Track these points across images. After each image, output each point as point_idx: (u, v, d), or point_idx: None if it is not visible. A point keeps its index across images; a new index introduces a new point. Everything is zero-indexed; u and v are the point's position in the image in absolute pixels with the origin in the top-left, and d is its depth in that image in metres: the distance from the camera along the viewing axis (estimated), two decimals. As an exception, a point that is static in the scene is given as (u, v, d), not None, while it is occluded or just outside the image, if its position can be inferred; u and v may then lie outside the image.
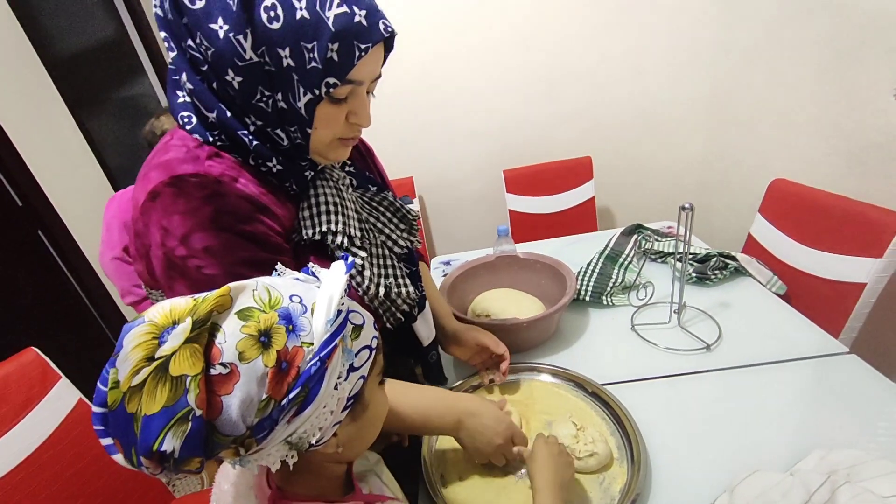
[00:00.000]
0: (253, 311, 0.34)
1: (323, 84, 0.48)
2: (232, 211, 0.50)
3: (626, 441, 0.70)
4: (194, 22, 0.47)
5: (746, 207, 1.45)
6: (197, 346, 0.31)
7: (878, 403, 0.73)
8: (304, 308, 0.36)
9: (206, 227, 0.49)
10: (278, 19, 0.45)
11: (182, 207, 0.48)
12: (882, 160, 1.21)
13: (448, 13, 1.78)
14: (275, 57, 0.47)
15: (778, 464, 0.65)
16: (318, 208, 0.58)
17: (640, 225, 1.35)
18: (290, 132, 0.52)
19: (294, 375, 0.34)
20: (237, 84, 0.48)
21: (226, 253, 0.50)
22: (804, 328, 0.93)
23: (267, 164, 0.54)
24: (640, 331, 0.97)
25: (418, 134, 2.00)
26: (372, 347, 0.42)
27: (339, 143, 0.56)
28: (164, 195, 0.48)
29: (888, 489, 0.56)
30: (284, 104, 0.50)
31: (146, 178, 0.50)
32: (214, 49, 0.47)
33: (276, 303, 0.35)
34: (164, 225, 0.48)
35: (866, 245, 1.02)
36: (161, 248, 0.49)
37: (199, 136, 0.52)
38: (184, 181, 0.49)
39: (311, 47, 0.46)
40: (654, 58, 1.84)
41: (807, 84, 1.42)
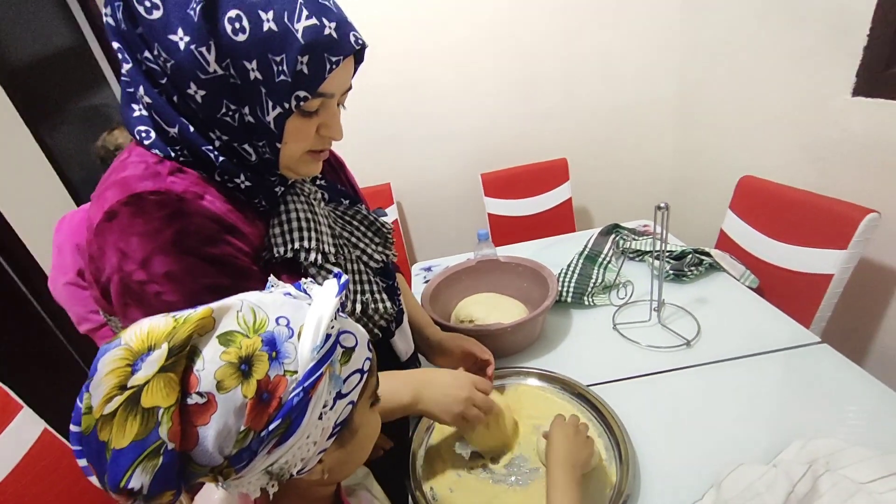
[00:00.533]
0: (235, 336, 0.32)
1: (293, 97, 0.47)
2: (196, 231, 0.47)
3: (613, 442, 0.71)
4: (151, 33, 0.44)
5: (717, 204, 1.50)
6: (172, 375, 0.29)
7: (850, 390, 0.76)
8: (291, 332, 0.34)
9: (167, 250, 0.46)
10: (244, 31, 0.43)
11: (141, 228, 0.45)
12: (841, 156, 1.26)
13: (421, 18, 1.78)
14: (241, 70, 0.45)
15: (761, 455, 0.67)
16: (290, 224, 0.55)
17: (617, 225, 1.38)
18: (259, 147, 0.50)
19: (276, 406, 0.32)
20: (200, 98, 0.46)
21: (188, 279, 0.47)
22: (777, 320, 0.95)
23: (234, 181, 0.51)
24: (622, 330, 0.99)
25: (394, 140, 1.99)
26: (363, 370, 0.40)
27: (310, 156, 0.55)
28: (122, 215, 0.45)
29: (865, 475, 0.58)
30: (252, 118, 0.48)
31: (101, 198, 0.47)
32: (174, 61, 0.44)
33: (261, 326, 0.34)
34: (122, 248, 0.45)
35: (832, 237, 1.06)
36: (118, 272, 0.46)
37: (160, 151, 0.49)
38: (143, 199, 0.45)
39: (279, 60, 0.45)
40: (623, 60, 1.88)
41: (769, 84, 1.47)
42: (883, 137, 1.14)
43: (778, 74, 1.43)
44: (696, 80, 1.82)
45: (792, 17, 1.34)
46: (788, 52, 1.37)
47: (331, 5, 0.47)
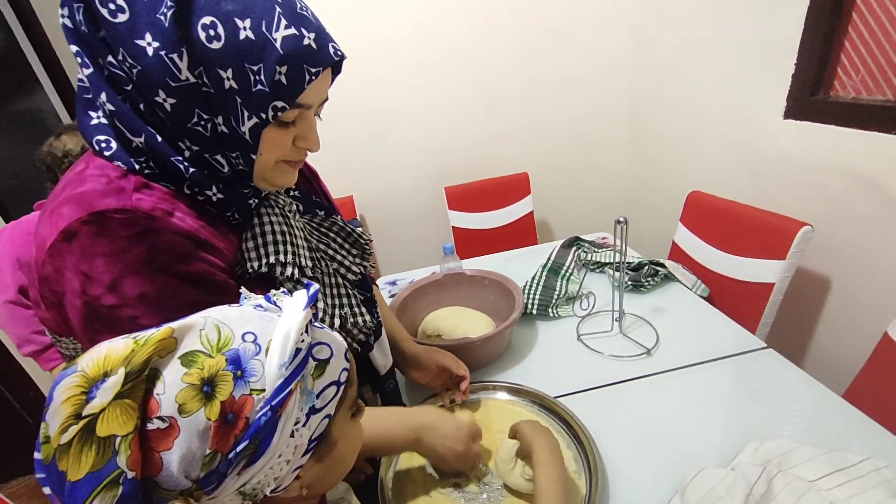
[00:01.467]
0: (198, 357, 0.31)
1: (270, 108, 0.45)
2: (167, 249, 0.44)
3: (582, 453, 0.71)
4: (116, 37, 0.41)
5: (669, 217, 1.58)
6: (129, 401, 0.28)
7: (793, 391, 0.81)
8: (258, 348, 0.33)
9: (137, 270, 0.42)
10: (219, 38, 0.41)
11: (105, 249, 0.41)
12: (776, 174, 1.37)
13: (385, 35, 1.78)
14: (215, 78, 0.43)
15: (719, 458, 0.70)
16: (264, 238, 0.53)
17: (577, 237, 1.42)
18: (232, 158, 0.48)
19: (242, 427, 0.31)
20: (170, 106, 0.43)
21: (166, 299, 0.44)
22: (727, 327, 1.01)
23: (205, 193, 0.48)
24: (586, 340, 1.01)
25: (357, 153, 1.97)
26: (340, 382, 0.38)
27: (286, 165, 0.53)
28: (82, 235, 0.41)
29: (814, 473, 0.61)
30: (225, 128, 0.45)
31: (56, 215, 0.42)
32: (141, 67, 0.41)
33: (226, 344, 0.32)
34: (84, 270, 0.41)
35: (771, 249, 1.14)
36: (80, 296, 0.42)
37: (122, 163, 0.45)
38: (106, 218, 0.42)
39: (256, 69, 0.43)
40: (577, 80, 1.97)
41: (711, 105, 1.59)
42: (813, 157, 1.25)
43: (719, 97, 1.54)
44: (645, 101, 1.93)
45: (728, 45, 1.46)
46: (727, 76, 1.49)
47: (309, 15, 0.45)
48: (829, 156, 1.20)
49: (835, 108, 1.19)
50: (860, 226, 1.16)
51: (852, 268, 1.20)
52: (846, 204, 1.18)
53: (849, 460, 0.63)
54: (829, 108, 1.21)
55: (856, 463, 0.63)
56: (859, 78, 1.15)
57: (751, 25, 1.36)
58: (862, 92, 1.15)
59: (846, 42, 1.16)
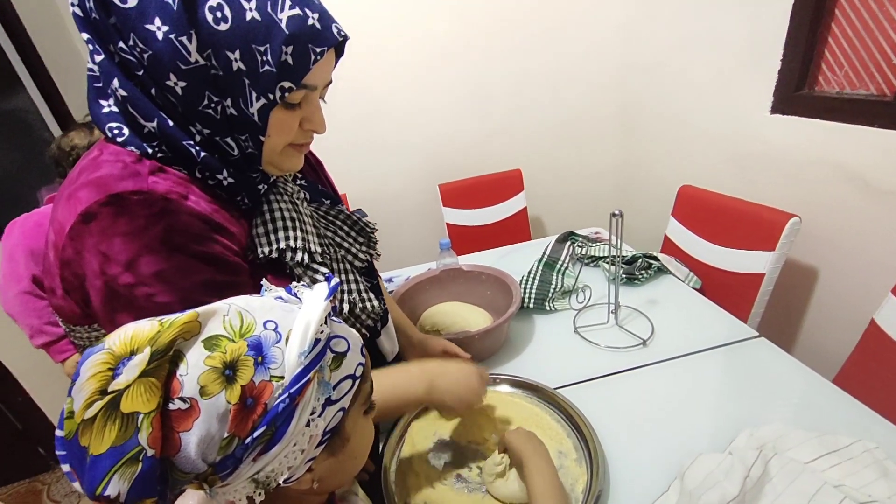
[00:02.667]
0: (221, 340, 0.31)
1: (277, 88, 0.45)
2: (184, 229, 0.45)
3: (582, 442, 0.73)
4: (125, 22, 0.42)
5: (660, 211, 1.60)
6: (153, 380, 0.29)
7: (785, 378, 0.83)
8: (279, 336, 0.33)
9: (155, 248, 0.43)
10: (226, 20, 0.42)
11: (124, 228, 0.42)
12: (764, 167, 1.40)
13: (378, 34, 1.78)
14: (223, 60, 0.43)
15: (716, 444, 0.71)
16: (275, 224, 0.54)
17: (572, 232, 1.43)
18: (241, 140, 0.48)
19: (260, 413, 0.31)
20: (181, 89, 0.44)
21: (181, 277, 0.44)
22: (719, 317, 1.03)
23: (216, 177, 0.49)
24: (583, 332, 1.02)
25: (352, 151, 1.96)
26: (356, 376, 0.38)
27: (293, 149, 0.53)
28: (101, 216, 0.42)
29: (807, 455, 0.63)
30: (234, 110, 0.46)
31: (73, 199, 0.43)
32: (152, 52, 0.42)
33: (248, 330, 0.33)
34: (103, 250, 0.42)
35: (761, 240, 1.17)
36: (100, 276, 0.43)
37: (135, 148, 0.46)
38: (124, 199, 0.43)
39: (263, 50, 0.43)
40: (568, 76, 1.98)
41: (699, 101, 1.61)
42: (798, 151, 1.28)
43: (707, 93, 1.57)
44: (636, 97, 1.96)
45: (716, 41, 1.48)
46: (716, 72, 1.51)
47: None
48: (814, 149, 1.23)
49: (820, 102, 1.22)
50: (846, 216, 1.19)
51: (839, 257, 1.23)
52: (832, 195, 1.21)
53: (841, 443, 0.65)
54: (814, 103, 1.24)
55: (847, 445, 0.65)
56: (843, 73, 1.18)
57: (738, 22, 1.39)
58: (846, 86, 1.18)
59: (830, 38, 1.19)
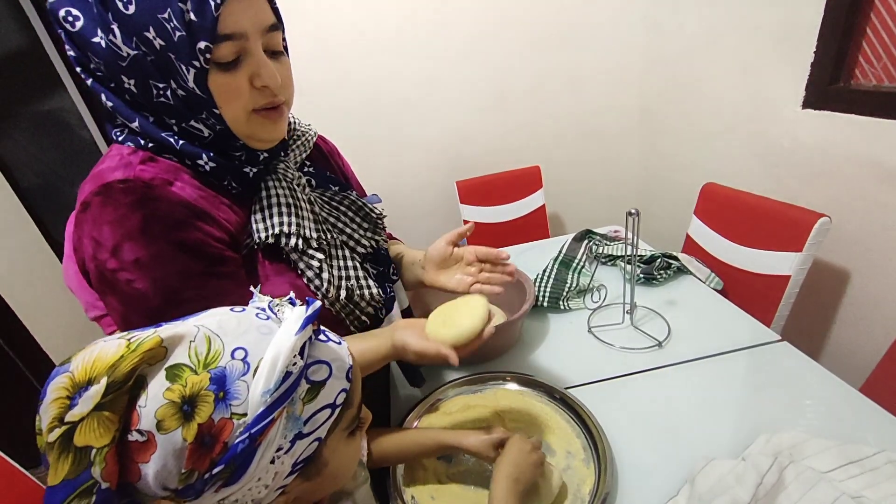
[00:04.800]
0: (182, 371, 0.30)
1: (197, 52, 0.44)
2: (163, 217, 0.48)
3: (591, 443, 0.72)
4: (82, 45, 0.45)
5: (683, 210, 1.56)
6: (108, 414, 0.28)
7: (808, 385, 0.80)
8: (247, 367, 0.32)
9: (134, 236, 0.46)
10: (132, 2, 0.43)
11: (110, 216, 0.46)
12: (793, 165, 1.34)
13: (398, 32, 1.79)
14: (146, 42, 0.44)
15: (730, 450, 0.69)
16: (270, 210, 0.55)
17: (589, 230, 1.41)
18: (204, 120, 0.49)
19: (219, 451, 0.30)
20: (134, 87, 0.47)
21: (156, 265, 0.47)
22: (741, 320, 1.00)
23: (197, 162, 0.51)
24: (597, 332, 1.01)
25: (370, 148, 1.98)
26: (336, 405, 0.36)
27: (259, 116, 0.51)
28: (93, 205, 0.47)
29: (826, 465, 0.61)
30: (181, 90, 0.47)
31: (82, 191, 0.50)
32: (103, 62, 0.45)
33: (214, 360, 0.31)
34: (95, 236, 0.47)
35: (788, 241, 1.12)
36: (93, 260, 0.48)
37: (131, 142, 0.52)
38: (111, 188, 0.47)
39: (167, 16, 0.43)
40: (589, 73, 1.94)
41: (725, 95, 1.56)
42: (830, 147, 1.22)
43: (734, 86, 1.51)
44: (658, 93, 1.90)
45: (745, 33, 1.42)
46: (743, 65, 1.46)
47: None
48: (848, 146, 1.17)
49: (855, 96, 1.16)
50: (880, 217, 1.13)
51: (871, 260, 1.17)
52: (865, 195, 1.15)
53: (862, 452, 0.62)
54: (849, 97, 1.18)
55: (869, 455, 0.62)
56: (881, 65, 1.12)
57: (768, 13, 1.33)
58: (884, 80, 1.12)
59: (867, 28, 1.13)
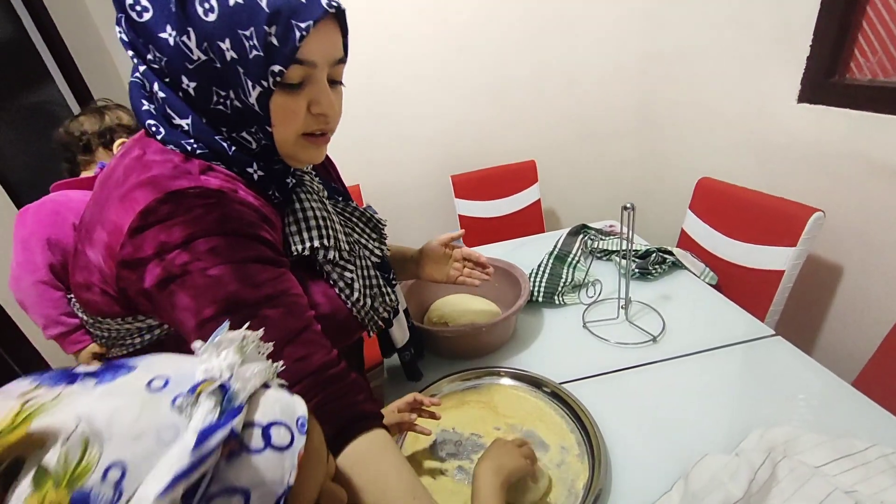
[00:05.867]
0: (46, 481, 0.23)
1: (268, 73, 0.45)
2: (237, 217, 0.47)
3: (585, 438, 0.72)
4: (146, 36, 0.45)
5: (678, 205, 1.56)
6: None
7: (801, 379, 0.81)
8: (117, 496, 0.23)
9: (210, 231, 0.45)
10: (213, 10, 0.43)
11: (182, 218, 0.44)
12: (788, 159, 1.34)
13: (392, 23, 1.77)
14: (218, 52, 0.44)
15: (724, 445, 0.70)
16: (307, 223, 0.55)
17: (584, 225, 1.41)
18: (253, 133, 0.49)
19: None
20: (193, 90, 0.46)
21: (232, 251, 0.46)
22: (735, 315, 1.00)
23: (247, 171, 0.50)
24: (592, 327, 1.01)
25: (364, 142, 1.97)
26: None
27: (307, 141, 0.52)
28: (160, 212, 0.44)
29: (819, 459, 0.61)
30: (238, 102, 0.47)
31: (129, 199, 0.45)
32: (167, 58, 0.45)
33: (81, 475, 0.24)
34: (162, 240, 0.44)
35: (782, 236, 1.12)
36: (158, 264, 0.44)
37: (175, 145, 0.48)
38: (181, 194, 0.44)
39: (249, 34, 0.43)
40: (586, 67, 1.93)
41: (721, 90, 1.55)
42: (825, 142, 1.22)
43: (729, 82, 1.51)
44: (653, 87, 1.90)
45: (741, 28, 1.42)
46: (739, 60, 1.45)
47: None
48: (843, 140, 1.17)
49: (851, 91, 1.16)
50: (874, 212, 1.13)
51: (864, 255, 1.17)
52: (860, 190, 1.15)
53: (855, 446, 0.63)
54: (844, 92, 1.18)
55: (862, 449, 0.62)
56: (876, 60, 1.12)
57: (764, 8, 1.32)
58: (879, 74, 1.12)
59: (863, 23, 1.13)
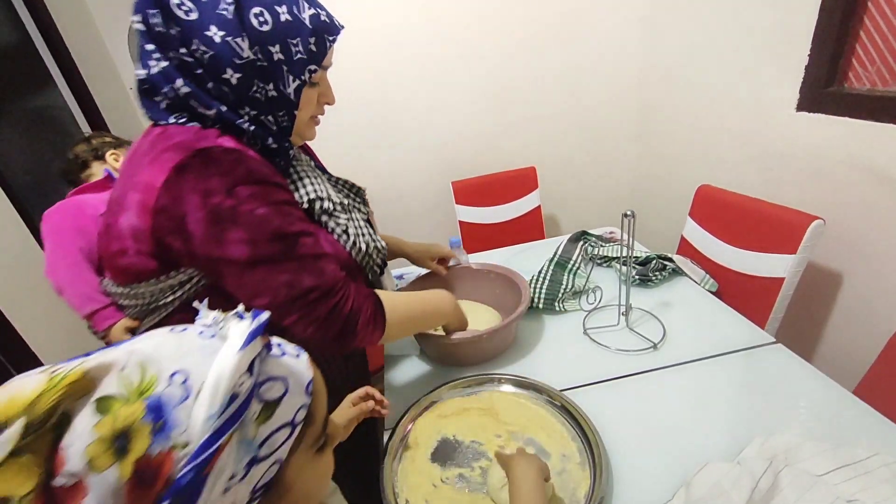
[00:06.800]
0: (113, 403, 0.27)
1: (306, 71, 0.61)
2: (259, 170, 0.59)
3: (586, 445, 0.72)
4: (189, 31, 0.54)
5: (678, 211, 1.56)
6: (28, 458, 0.25)
7: (802, 387, 0.80)
8: (187, 392, 0.28)
9: (245, 180, 0.56)
10: (267, 23, 0.56)
11: (216, 170, 0.55)
12: (787, 167, 1.35)
13: (393, 31, 1.78)
14: (267, 53, 0.57)
15: (725, 453, 0.69)
16: (303, 181, 0.68)
17: (585, 231, 1.41)
18: (279, 117, 0.63)
19: (161, 486, 0.27)
20: (235, 80, 0.57)
21: (268, 195, 0.58)
22: (735, 322, 1.00)
23: (263, 143, 0.62)
24: (592, 334, 1.01)
25: (365, 148, 1.97)
26: (295, 423, 0.33)
27: (312, 122, 0.70)
28: (193, 165, 0.54)
29: (821, 468, 0.61)
30: (275, 92, 0.60)
31: (160, 161, 0.55)
32: (213, 52, 0.55)
33: (148, 387, 0.28)
34: (202, 188, 0.54)
35: (782, 243, 1.12)
36: (202, 208, 0.54)
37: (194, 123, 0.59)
38: (209, 151, 0.55)
39: (295, 43, 0.58)
40: (585, 72, 1.95)
41: (720, 98, 1.56)
42: (824, 150, 1.23)
43: (730, 89, 1.52)
44: (653, 95, 1.91)
45: (740, 35, 1.43)
46: (739, 68, 1.46)
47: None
48: (842, 148, 1.18)
49: (849, 99, 1.17)
50: (873, 220, 1.14)
51: (864, 263, 1.18)
52: (859, 198, 1.16)
53: (857, 455, 0.62)
54: (843, 100, 1.18)
55: (864, 458, 0.62)
56: (875, 69, 1.12)
57: (764, 15, 1.34)
58: (877, 83, 1.13)
59: (862, 32, 1.14)
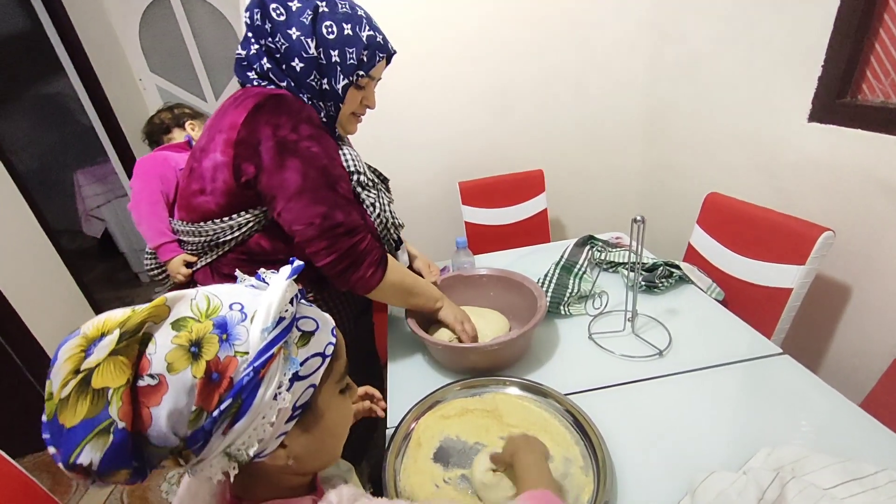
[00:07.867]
0: (187, 321, 0.34)
1: (355, 74, 0.80)
2: (317, 118, 0.79)
3: (591, 450, 0.71)
4: (276, 27, 0.76)
5: (685, 218, 1.56)
6: (123, 358, 0.31)
7: (808, 399, 0.80)
8: (244, 316, 0.36)
9: (307, 121, 0.75)
10: (333, 33, 0.77)
11: (286, 110, 0.74)
12: (798, 177, 1.34)
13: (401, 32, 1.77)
14: (327, 55, 0.77)
15: (730, 462, 0.69)
16: (344, 156, 0.85)
17: (591, 236, 1.41)
18: (328, 106, 0.82)
19: (226, 386, 0.33)
20: (299, 68, 0.77)
21: (321, 139, 0.77)
22: (742, 332, 0.99)
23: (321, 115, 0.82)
24: (598, 339, 1.00)
25: (372, 148, 1.96)
26: (325, 355, 0.40)
27: (353, 118, 0.89)
28: (268, 105, 0.74)
29: (828, 481, 0.60)
30: (327, 86, 0.80)
31: (242, 105, 0.75)
32: (288, 45, 0.76)
33: (214, 311, 0.35)
34: (274, 122, 0.73)
35: (791, 254, 1.12)
36: (273, 138, 0.73)
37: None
38: (281, 96, 0.76)
39: (351, 51, 0.78)
40: (594, 79, 1.94)
41: (731, 106, 1.55)
42: (836, 161, 1.22)
43: (740, 98, 1.51)
44: (662, 100, 1.90)
45: (752, 44, 1.42)
46: (750, 77, 1.45)
47: (378, 26, 0.83)
48: (854, 160, 1.17)
49: (862, 111, 1.16)
50: (884, 233, 1.13)
51: (874, 276, 1.17)
52: (870, 210, 1.15)
53: (864, 470, 0.62)
54: (856, 112, 1.18)
55: (871, 473, 0.62)
56: (889, 81, 1.12)
57: (777, 25, 1.33)
58: (891, 96, 1.12)
59: (877, 44, 1.13)
